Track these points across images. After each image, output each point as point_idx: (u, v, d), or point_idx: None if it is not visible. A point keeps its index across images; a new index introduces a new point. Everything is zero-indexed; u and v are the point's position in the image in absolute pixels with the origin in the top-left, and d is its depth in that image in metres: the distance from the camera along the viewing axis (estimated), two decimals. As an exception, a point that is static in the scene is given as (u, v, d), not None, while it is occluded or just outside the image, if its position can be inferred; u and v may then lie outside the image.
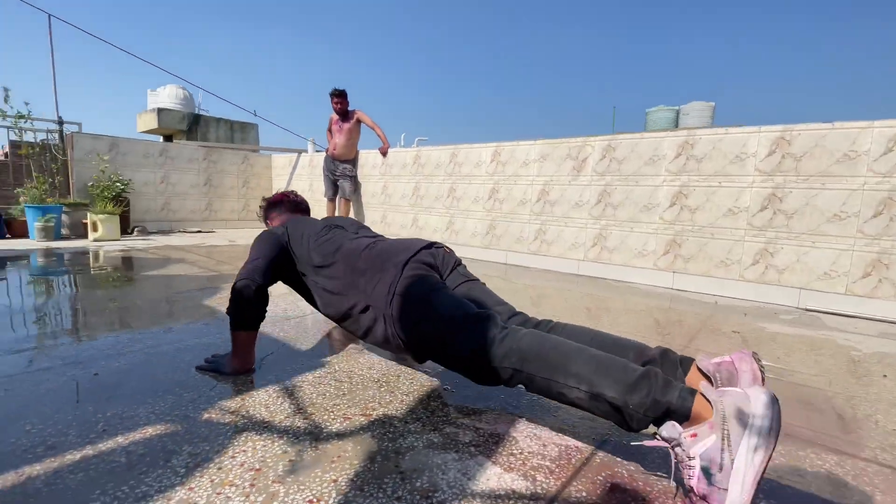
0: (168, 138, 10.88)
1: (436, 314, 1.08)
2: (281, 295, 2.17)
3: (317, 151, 6.35)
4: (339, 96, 4.66)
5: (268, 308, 1.29)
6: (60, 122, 4.74)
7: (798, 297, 2.49)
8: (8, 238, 4.13)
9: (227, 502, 0.73)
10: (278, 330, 1.67)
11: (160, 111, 10.52)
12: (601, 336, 1.07)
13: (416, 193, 4.45)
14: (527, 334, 0.97)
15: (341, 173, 4.85)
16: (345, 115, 4.75)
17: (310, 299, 1.49)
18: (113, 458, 0.84)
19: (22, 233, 4.17)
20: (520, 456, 0.91)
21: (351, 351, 1.49)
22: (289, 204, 1.74)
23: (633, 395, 0.80)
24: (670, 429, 0.75)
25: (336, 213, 4.92)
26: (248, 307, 1.23)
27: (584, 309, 2.27)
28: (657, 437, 0.77)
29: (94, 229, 4.21)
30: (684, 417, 0.76)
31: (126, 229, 4.75)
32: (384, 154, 4.79)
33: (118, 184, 4.74)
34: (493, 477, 0.82)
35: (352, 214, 5.12)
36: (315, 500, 0.74)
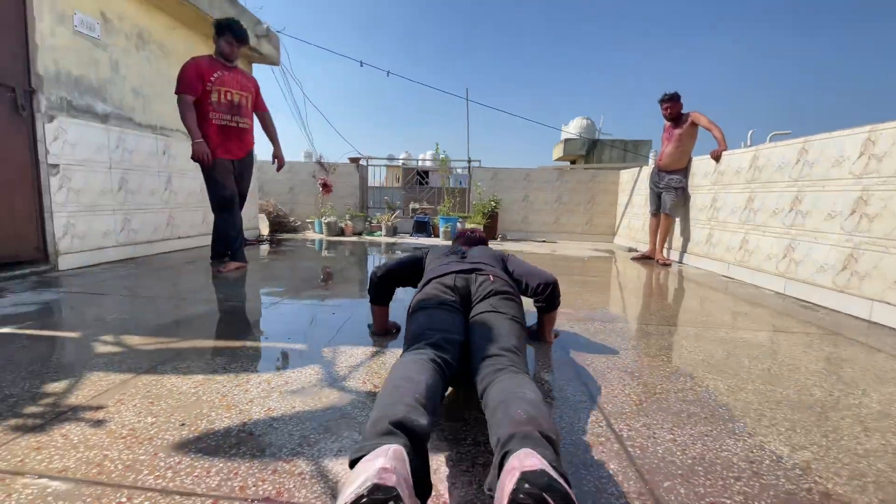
0: (573, 162, 12.76)
1: (407, 329, 1.23)
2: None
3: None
4: (670, 100, 4.18)
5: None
6: (469, 161, 6.80)
7: None
8: (433, 237, 6.40)
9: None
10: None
11: (566, 141, 12.47)
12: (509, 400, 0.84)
13: (749, 206, 3.36)
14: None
15: (665, 185, 4.32)
16: (676, 119, 4.20)
17: None
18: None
19: (437, 234, 6.36)
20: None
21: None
22: (462, 238, 2.05)
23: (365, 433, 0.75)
24: None
25: (658, 230, 4.42)
26: (371, 289, 1.68)
27: None
28: None
29: (466, 235, 5.84)
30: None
31: (492, 236, 6.22)
32: (716, 159, 3.87)
33: (492, 202, 6.28)
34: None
35: (676, 232, 4.44)
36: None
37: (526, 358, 1.13)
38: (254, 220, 5.35)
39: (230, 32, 2.99)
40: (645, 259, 4.47)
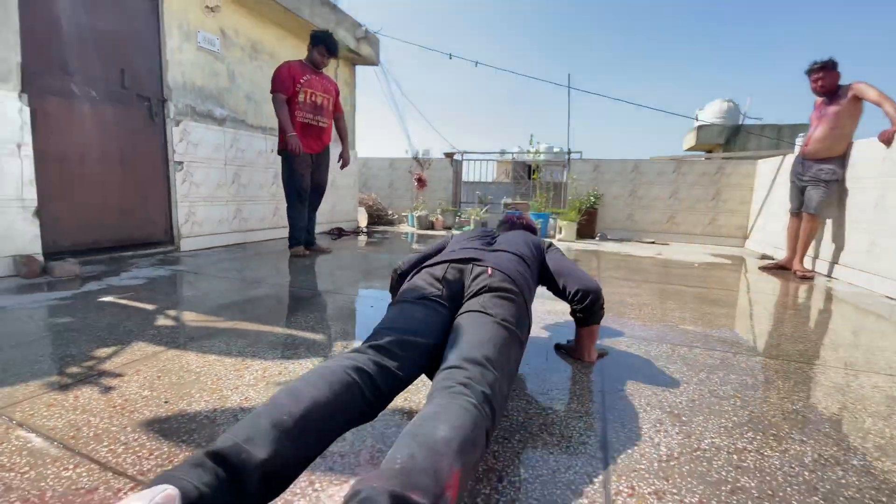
0: (709, 152, 11.10)
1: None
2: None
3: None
4: (821, 69, 3.33)
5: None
6: (569, 153, 6.34)
7: None
8: (523, 234, 6.16)
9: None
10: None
11: (699, 128, 10.89)
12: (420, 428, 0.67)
13: (933, 205, 2.48)
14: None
15: (812, 177, 3.45)
16: (832, 94, 3.34)
17: None
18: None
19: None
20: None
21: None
22: (506, 224, 1.85)
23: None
24: None
25: (798, 234, 3.56)
26: (392, 287, 1.61)
27: None
28: None
29: (559, 232, 5.45)
30: None
31: (590, 234, 5.72)
32: (887, 143, 2.94)
33: (591, 197, 5.77)
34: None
35: (825, 238, 3.53)
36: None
37: (506, 373, 0.90)
38: (353, 212, 5.73)
39: (324, 45, 3.34)
40: (779, 269, 3.63)
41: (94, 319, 1.74)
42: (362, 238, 4.81)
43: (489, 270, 1.13)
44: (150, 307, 1.94)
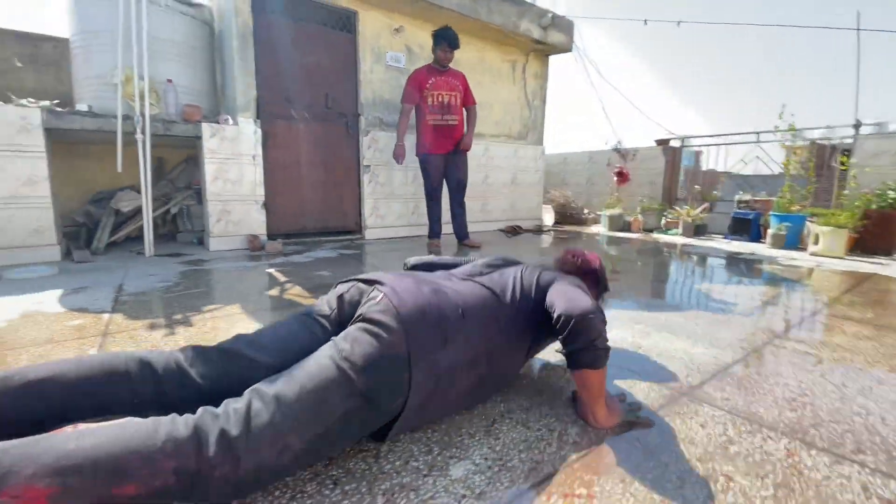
0: None
1: None
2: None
3: None
4: None
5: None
6: (857, 126, 4.32)
7: None
8: (759, 242, 4.55)
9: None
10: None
11: None
12: None
13: None
14: None
15: None
16: None
17: None
18: (296, 306, 1.79)
19: (764, 238, 4.42)
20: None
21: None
22: (562, 262, 1.34)
23: None
24: None
25: None
26: None
27: None
28: None
29: (815, 242, 3.79)
30: None
31: (882, 249, 3.77)
32: None
33: (890, 192, 3.79)
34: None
35: None
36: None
37: (301, 423, 0.70)
38: (536, 210, 5.54)
39: (445, 41, 3.43)
40: None
41: (248, 284, 2.29)
42: (540, 237, 4.60)
43: (381, 296, 0.89)
44: (286, 279, 2.41)
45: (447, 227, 3.86)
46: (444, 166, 3.58)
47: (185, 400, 0.77)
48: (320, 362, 0.77)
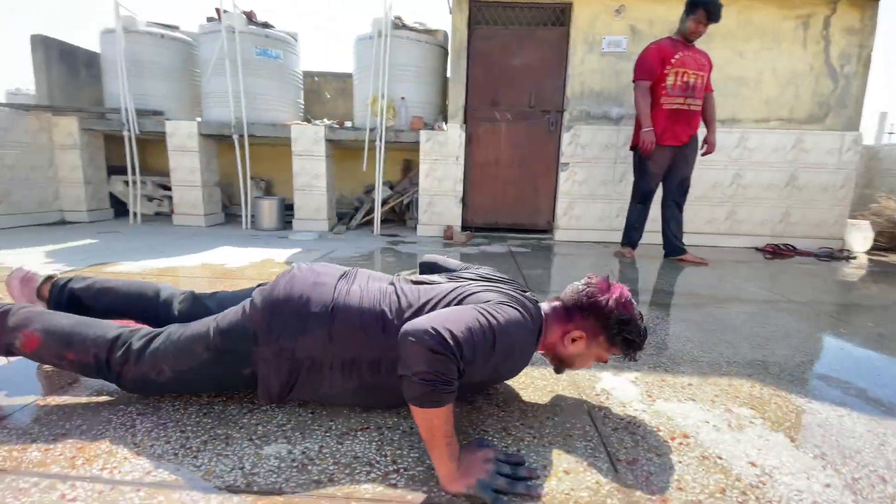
0: None
1: None
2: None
3: None
4: None
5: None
6: None
7: None
8: None
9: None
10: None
11: None
12: None
13: None
14: None
15: None
16: None
17: None
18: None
19: None
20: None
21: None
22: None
23: None
24: None
25: None
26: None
27: None
28: None
29: None
30: None
31: None
32: None
33: None
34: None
35: None
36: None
37: (171, 353, 0.98)
38: (831, 225, 3.82)
39: (703, 9, 2.78)
40: None
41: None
42: (829, 265, 3.26)
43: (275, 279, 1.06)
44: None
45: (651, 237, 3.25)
46: (671, 161, 3.01)
47: (167, 321, 1.14)
48: (206, 321, 1.03)
